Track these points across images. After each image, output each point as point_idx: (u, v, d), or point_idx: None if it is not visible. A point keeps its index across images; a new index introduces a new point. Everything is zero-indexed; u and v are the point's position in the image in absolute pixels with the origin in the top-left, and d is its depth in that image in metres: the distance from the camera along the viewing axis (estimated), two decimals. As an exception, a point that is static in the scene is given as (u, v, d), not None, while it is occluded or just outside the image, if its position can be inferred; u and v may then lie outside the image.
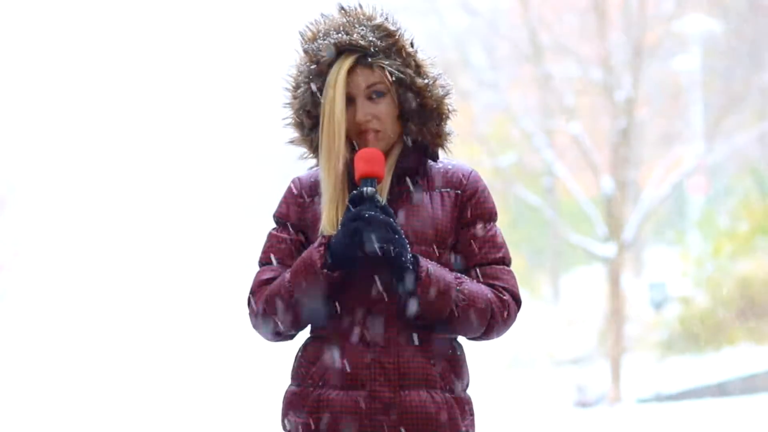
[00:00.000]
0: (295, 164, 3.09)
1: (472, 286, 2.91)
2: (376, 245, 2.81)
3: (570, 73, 18.64)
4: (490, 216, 3.01)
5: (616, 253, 16.88)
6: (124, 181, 54.08)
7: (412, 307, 2.87)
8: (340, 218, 2.89)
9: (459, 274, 2.93)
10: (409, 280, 2.85)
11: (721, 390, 14.79)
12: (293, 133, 3.04)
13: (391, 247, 2.82)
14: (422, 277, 2.84)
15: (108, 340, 27.21)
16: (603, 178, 17.07)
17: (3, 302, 29.43)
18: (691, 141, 19.15)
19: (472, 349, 2.98)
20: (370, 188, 2.85)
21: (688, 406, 13.31)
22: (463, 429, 2.96)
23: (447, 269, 2.91)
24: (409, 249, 2.86)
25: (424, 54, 2.97)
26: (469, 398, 3.01)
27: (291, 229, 3.03)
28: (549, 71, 17.95)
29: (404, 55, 2.94)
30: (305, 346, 3.00)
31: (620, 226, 16.87)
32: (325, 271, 2.85)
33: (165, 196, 54.93)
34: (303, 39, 2.99)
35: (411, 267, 2.84)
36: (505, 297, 2.95)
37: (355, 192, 2.86)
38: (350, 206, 2.85)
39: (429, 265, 2.86)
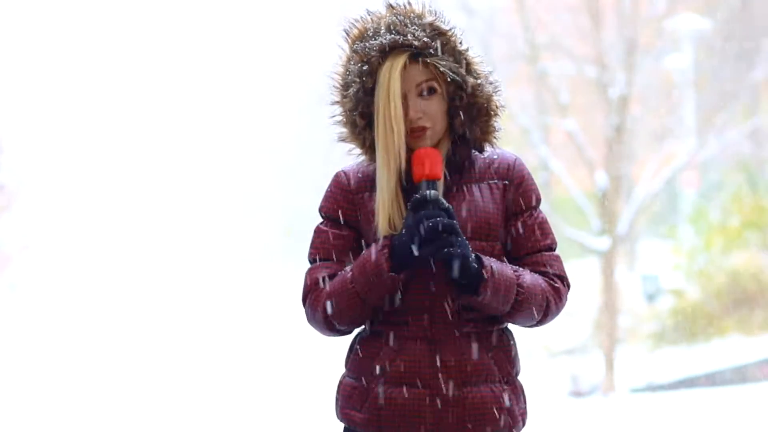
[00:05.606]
0: (295, 160, 3.20)
1: (529, 277, 2.93)
2: (443, 252, 2.78)
3: (565, 71, 18.76)
4: (536, 202, 3.01)
5: (610, 246, 17.03)
6: (131, 175, 53.94)
7: (476, 304, 2.87)
8: (397, 219, 2.87)
9: (516, 267, 2.93)
10: (474, 280, 2.83)
11: (712, 380, 15.00)
12: (341, 130, 2.98)
13: (458, 251, 2.78)
14: (486, 277, 2.83)
15: (116, 332, 27.17)
16: (597, 174, 17.22)
17: (12, 294, 29.39)
18: (683, 137, 19.24)
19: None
20: (434, 191, 2.81)
21: (680, 396, 13.45)
22: (519, 416, 3.01)
23: (506, 263, 2.92)
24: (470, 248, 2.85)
25: (473, 52, 2.96)
26: (521, 384, 3.06)
27: (342, 225, 2.97)
28: (545, 69, 18.09)
29: (455, 53, 2.91)
30: (364, 339, 2.99)
31: (614, 221, 17.02)
32: (392, 274, 2.82)
33: (171, 189, 54.82)
34: (348, 37, 2.94)
35: (476, 266, 2.83)
36: (557, 284, 2.98)
37: (417, 196, 2.82)
38: (412, 210, 2.81)
39: (492, 264, 2.86)
